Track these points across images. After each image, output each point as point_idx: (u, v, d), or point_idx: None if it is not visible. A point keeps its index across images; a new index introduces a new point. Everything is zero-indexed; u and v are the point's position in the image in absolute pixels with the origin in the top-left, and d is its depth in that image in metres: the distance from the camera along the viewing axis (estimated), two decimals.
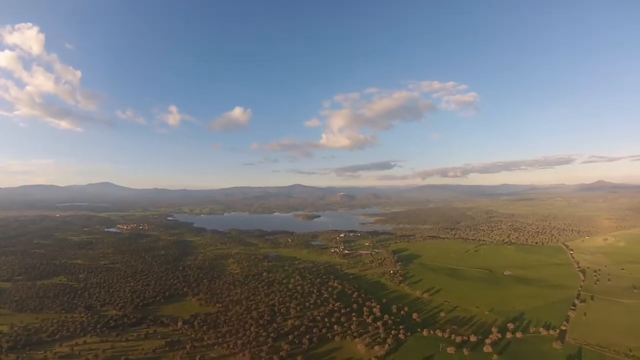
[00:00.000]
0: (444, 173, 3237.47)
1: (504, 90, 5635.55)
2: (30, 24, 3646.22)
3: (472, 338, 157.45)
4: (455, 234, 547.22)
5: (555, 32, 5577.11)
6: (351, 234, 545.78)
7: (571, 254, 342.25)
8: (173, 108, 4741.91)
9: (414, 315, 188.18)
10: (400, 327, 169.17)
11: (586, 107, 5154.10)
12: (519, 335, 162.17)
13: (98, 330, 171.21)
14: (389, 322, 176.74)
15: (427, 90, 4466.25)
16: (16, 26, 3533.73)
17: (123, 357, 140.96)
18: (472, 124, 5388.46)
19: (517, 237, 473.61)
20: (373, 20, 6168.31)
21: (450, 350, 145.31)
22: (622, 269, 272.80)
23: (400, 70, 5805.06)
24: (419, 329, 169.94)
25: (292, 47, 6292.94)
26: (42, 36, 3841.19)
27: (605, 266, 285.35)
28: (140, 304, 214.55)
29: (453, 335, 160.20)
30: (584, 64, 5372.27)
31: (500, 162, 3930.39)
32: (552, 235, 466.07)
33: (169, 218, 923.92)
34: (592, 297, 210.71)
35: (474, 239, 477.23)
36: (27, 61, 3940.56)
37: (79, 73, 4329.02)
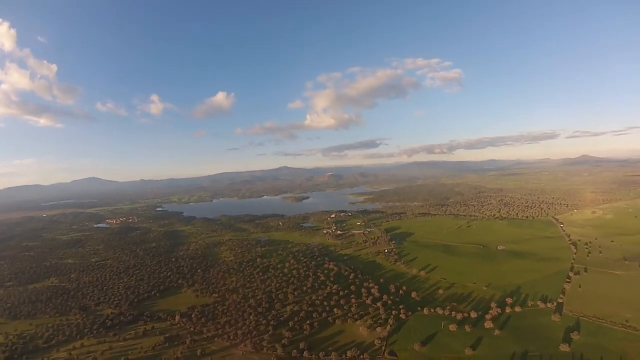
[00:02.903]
0: (430, 150, 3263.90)
1: (489, 67, 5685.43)
2: (0, 20, 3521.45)
3: (473, 314, 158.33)
4: (446, 210, 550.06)
5: (540, 9, 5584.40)
6: (342, 215, 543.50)
7: (562, 227, 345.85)
8: (155, 97, 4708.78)
9: (413, 294, 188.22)
10: (401, 307, 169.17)
11: (570, 84, 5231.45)
12: (518, 309, 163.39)
13: (95, 332, 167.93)
14: (389, 302, 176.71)
15: (411, 67, 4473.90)
16: None
17: (123, 358, 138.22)
18: (457, 100, 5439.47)
19: (507, 212, 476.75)
20: None
21: (453, 327, 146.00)
22: (612, 242, 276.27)
23: (384, 48, 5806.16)
24: (419, 308, 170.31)
25: (273, 28, 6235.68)
26: (13, 32, 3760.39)
27: (596, 239, 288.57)
28: (136, 300, 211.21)
29: (454, 313, 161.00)
30: (568, 41, 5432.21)
31: (486, 138, 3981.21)
32: (541, 210, 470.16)
33: (158, 209, 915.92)
34: (585, 270, 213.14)
35: (465, 215, 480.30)
36: None
37: (54, 67, 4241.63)
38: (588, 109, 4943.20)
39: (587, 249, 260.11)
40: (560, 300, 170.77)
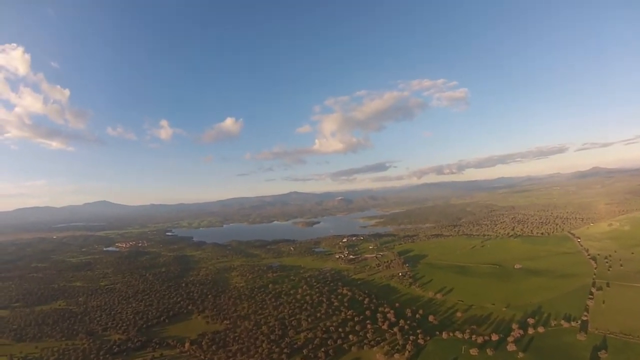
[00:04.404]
0: (439, 170, 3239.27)
1: (494, 84, 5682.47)
2: (14, 45, 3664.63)
3: (494, 337, 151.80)
4: (459, 230, 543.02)
5: (541, 22, 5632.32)
6: (354, 238, 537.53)
7: (578, 241, 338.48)
8: (164, 122, 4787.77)
9: (430, 318, 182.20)
10: (418, 331, 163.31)
11: (576, 96, 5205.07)
12: (540, 330, 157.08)
13: (101, 358, 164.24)
14: (406, 327, 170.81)
15: (417, 88, 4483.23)
16: (0, 47, 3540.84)
17: None
18: (464, 119, 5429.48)
19: (521, 229, 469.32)
20: (360, 22, 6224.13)
21: (473, 352, 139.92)
22: (632, 253, 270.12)
23: (390, 70, 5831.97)
24: (437, 332, 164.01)
25: (280, 54, 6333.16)
26: (27, 56, 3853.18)
27: (615, 251, 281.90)
28: (144, 325, 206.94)
29: (473, 336, 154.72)
30: (571, 53, 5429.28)
31: (495, 155, 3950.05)
32: (556, 225, 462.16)
33: (167, 233, 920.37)
34: (607, 284, 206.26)
35: (478, 234, 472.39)
36: (13, 82, 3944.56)
37: (66, 92, 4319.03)
38: (595, 120, 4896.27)
39: (607, 262, 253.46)
40: (584, 318, 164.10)
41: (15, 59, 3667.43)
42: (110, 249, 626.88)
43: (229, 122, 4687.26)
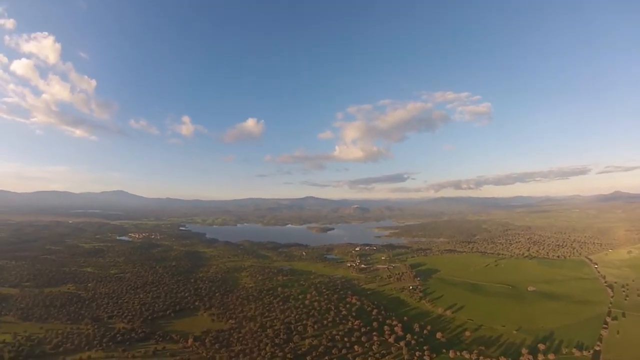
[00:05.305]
0: (457, 185, 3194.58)
1: (518, 100, 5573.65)
2: (46, 33, 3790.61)
3: None
4: (473, 247, 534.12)
5: (570, 40, 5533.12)
6: (367, 248, 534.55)
7: (596, 267, 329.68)
8: (186, 118, 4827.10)
9: (438, 335, 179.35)
10: (425, 347, 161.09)
11: (602, 117, 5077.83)
12: (551, 357, 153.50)
13: (104, 345, 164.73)
14: (412, 342, 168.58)
15: (440, 100, 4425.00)
16: (32, 35, 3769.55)
17: None
18: (485, 134, 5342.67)
19: (537, 251, 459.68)
20: (386, 31, 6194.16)
21: None
22: None
23: (414, 80, 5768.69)
24: (444, 350, 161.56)
25: (306, 58, 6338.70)
26: (58, 45, 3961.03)
27: (633, 280, 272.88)
28: (150, 317, 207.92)
29: (481, 357, 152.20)
30: (599, 73, 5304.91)
31: (515, 173, 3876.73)
32: (573, 249, 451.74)
33: (181, 228, 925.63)
34: (623, 314, 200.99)
35: (492, 253, 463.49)
36: (43, 70, 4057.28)
37: (93, 82, 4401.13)
38: (621, 142, 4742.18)
39: (624, 291, 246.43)
40: (597, 348, 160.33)
41: (46, 47, 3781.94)
42: (123, 238, 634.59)
43: (250, 123, 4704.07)
